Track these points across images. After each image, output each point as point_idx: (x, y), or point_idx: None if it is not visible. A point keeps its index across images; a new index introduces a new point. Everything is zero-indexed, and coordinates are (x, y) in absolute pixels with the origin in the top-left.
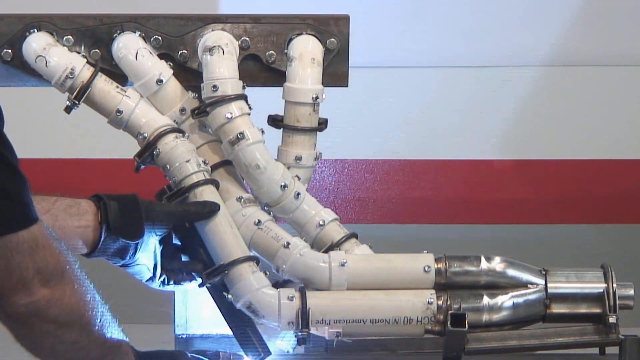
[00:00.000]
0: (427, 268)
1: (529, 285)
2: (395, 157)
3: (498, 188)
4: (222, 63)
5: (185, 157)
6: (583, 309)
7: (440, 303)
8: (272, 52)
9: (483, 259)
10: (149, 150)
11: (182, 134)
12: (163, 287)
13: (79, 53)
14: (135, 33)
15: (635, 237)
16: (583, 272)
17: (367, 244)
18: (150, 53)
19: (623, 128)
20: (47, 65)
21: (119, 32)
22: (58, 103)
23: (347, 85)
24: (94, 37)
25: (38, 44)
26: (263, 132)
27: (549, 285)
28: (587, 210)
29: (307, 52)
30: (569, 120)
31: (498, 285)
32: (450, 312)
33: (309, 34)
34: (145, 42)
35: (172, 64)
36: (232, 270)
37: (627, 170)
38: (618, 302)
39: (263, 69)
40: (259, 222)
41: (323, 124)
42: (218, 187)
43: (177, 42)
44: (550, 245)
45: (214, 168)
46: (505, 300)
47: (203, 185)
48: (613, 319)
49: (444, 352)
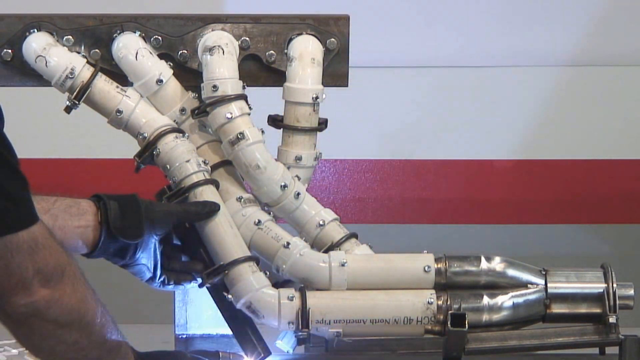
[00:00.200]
0: (427, 268)
1: (529, 285)
2: (395, 157)
3: (498, 188)
4: (222, 63)
5: (185, 157)
6: (583, 309)
7: (440, 303)
8: (272, 52)
9: (483, 259)
10: (149, 150)
11: (182, 134)
12: (163, 287)
13: (79, 53)
14: (135, 33)
15: (635, 237)
16: (583, 272)
17: (367, 244)
18: (150, 53)
19: (623, 128)
20: (47, 65)
21: (119, 32)
22: (58, 103)
23: (347, 85)
24: (94, 37)
25: (38, 44)
26: (263, 132)
27: (549, 285)
28: (587, 210)
29: (307, 52)
30: (570, 121)
31: (498, 285)
32: (450, 312)
33: (309, 34)
34: (145, 42)
35: (172, 64)
36: (232, 270)
37: (627, 170)
38: (618, 302)
39: (263, 69)
40: (259, 222)
41: (323, 124)
42: (218, 187)
43: (177, 42)
44: (550, 245)
45: (214, 168)
46: (505, 300)
47: (203, 185)
48: (613, 319)
49: (444, 352)
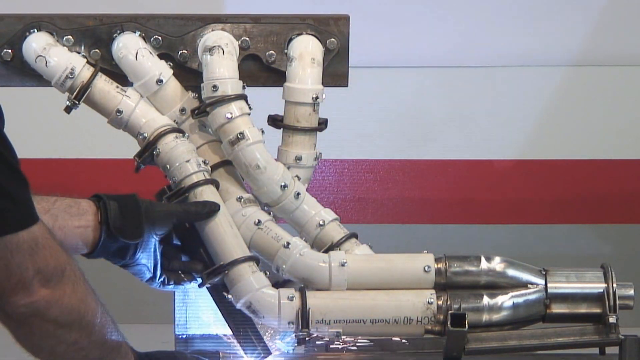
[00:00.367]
0: (427, 268)
1: (529, 285)
2: (395, 157)
3: (498, 188)
4: (222, 63)
5: (185, 157)
6: (583, 309)
7: (440, 303)
8: (272, 52)
9: (483, 259)
10: (149, 150)
11: (182, 134)
12: (163, 287)
13: (79, 53)
14: (135, 33)
15: (635, 237)
16: (583, 272)
17: (367, 244)
18: (150, 53)
19: (623, 128)
20: (47, 65)
21: (119, 32)
22: (58, 103)
23: (347, 85)
24: (94, 37)
25: (38, 44)
26: (263, 132)
27: (549, 285)
28: (587, 210)
29: (307, 52)
30: (569, 121)
31: (498, 285)
32: (450, 312)
33: (309, 34)
34: (145, 42)
35: (172, 64)
36: (232, 270)
37: (627, 170)
38: (618, 302)
39: (263, 69)
40: (259, 222)
41: (323, 124)
42: (218, 187)
43: (177, 42)
44: (550, 245)
45: (214, 168)
46: (505, 300)
47: (203, 185)
48: (613, 319)
49: (444, 352)
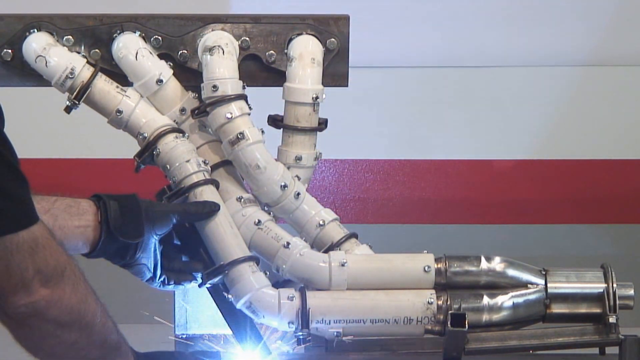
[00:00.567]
0: (427, 268)
1: (529, 285)
2: (395, 157)
3: (498, 188)
4: (222, 63)
5: (185, 157)
6: (583, 309)
7: (440, 303)
8: (272, 52)
9: (483, 259)
10: (149, 150)
11: (182, 134)
12: (163, 287)
13: (79, 53)
14: (135, 33)
15: (635, 237)
16: (583, 272)
17: (367, 244)
18: (150, 53)
19: (624, 128)
20: (47, 65)
21: (119, 32)
22: (58, 103)
23: (347, 85)
24: (94, 37)
25: (38, 44)
26: (263, 132)
27: (549, 285)
28: (587, 210)
29: (307, 52)
30: (570, 121)
31: (498, 285)
32: (450, 312)
33: (309, 34)
34: (145, 42)
35: (172, 64)
36: (232, 270)
37: (627, 170)
38: (618, 302)
39: (263, 69)
40: (259, 222)
41: (323, 124)
42: (218, 187)
43: (177, 42)
44: (550, 245)
45: (214, 168)
46: (505, 300)
47: (203, 185)
48: (613, 319)
49: (444, 352)
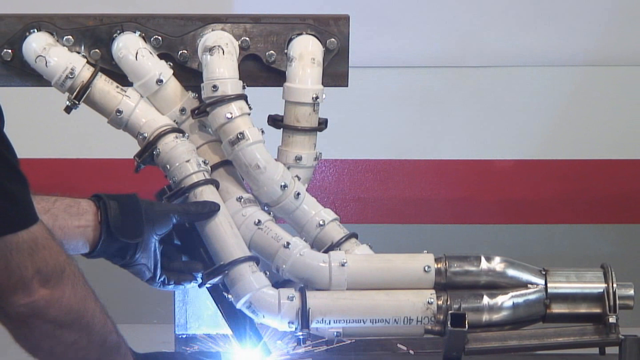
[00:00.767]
0: (427, 268)
1: (529, 285)
2: (395, 157)
3: (498, 188)
4: (222, 63)
5: (185, 157)
6: (583, 309)
7: (440, 303)
8: (272, 52)
9: (483, 259)
10: (149, 150)
11: (182, 134)
12: (163, 287)
13: (79, 53)
14: (135, 33)
15: (635, 237)
16: (583, 272)
17: (367, 244)
18: (150, 53)
19: (624, 128)
20: (47, 65)
21: (119, 32)
22: (58, 103)
23: (347, 85)
24: (94, 37)
25: (38, 44)
26: (263, 132)
27: (549, 285)
28: (587, 210)
29: (307, 52)
30: (570, 121)
31: (498, 285)
32: (450, 312)
33: (309, 34)
34: (145, 42)
35: (172, 64)
36: (232, 270)
37: (627, 170)
38: (618, 302)
39: (263, 69)
40: (259, 222)
41: (323, 124)
42: (218, 187)
43: (177, 42)
44: (550, 245)
45: (214, 168)
46: (505, 300)
47: (203, 185)
48: (613, 319)
49: (444, 352)
